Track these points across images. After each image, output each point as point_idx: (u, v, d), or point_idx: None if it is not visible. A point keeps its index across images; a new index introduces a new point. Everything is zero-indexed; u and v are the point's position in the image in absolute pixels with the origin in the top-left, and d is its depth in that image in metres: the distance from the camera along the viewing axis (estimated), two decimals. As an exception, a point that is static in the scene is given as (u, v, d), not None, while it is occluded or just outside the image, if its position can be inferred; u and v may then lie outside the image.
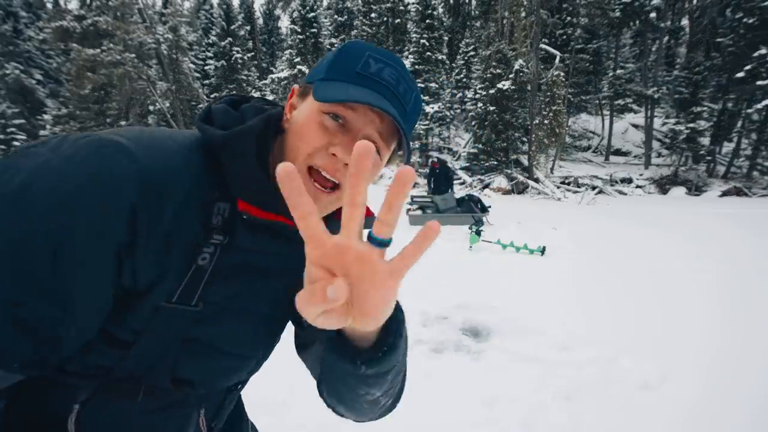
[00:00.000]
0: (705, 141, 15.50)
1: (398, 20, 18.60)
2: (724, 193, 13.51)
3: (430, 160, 10.02)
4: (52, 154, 0.39)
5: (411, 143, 0.54)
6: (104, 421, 0.48)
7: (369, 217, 0.59)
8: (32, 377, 0.45)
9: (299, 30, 19.73)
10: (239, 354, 0.56)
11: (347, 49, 0.53)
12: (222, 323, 0.51)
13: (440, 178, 8.43)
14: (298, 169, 0.48)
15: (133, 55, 15.85)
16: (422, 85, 16.43)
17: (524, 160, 15.46)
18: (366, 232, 0.32)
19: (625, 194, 14.10)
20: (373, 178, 0.53)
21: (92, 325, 0.43)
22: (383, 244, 0.31)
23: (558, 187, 13.66)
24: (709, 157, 15.35)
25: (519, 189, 13.86)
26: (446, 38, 20.60)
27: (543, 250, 5.22)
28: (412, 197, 8.55)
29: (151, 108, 17.22)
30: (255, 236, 0.51)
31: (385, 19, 18.64)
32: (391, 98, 0.51)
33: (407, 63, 16.78)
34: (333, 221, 0.57)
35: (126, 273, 0.42)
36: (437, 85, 17.24)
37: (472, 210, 7.77)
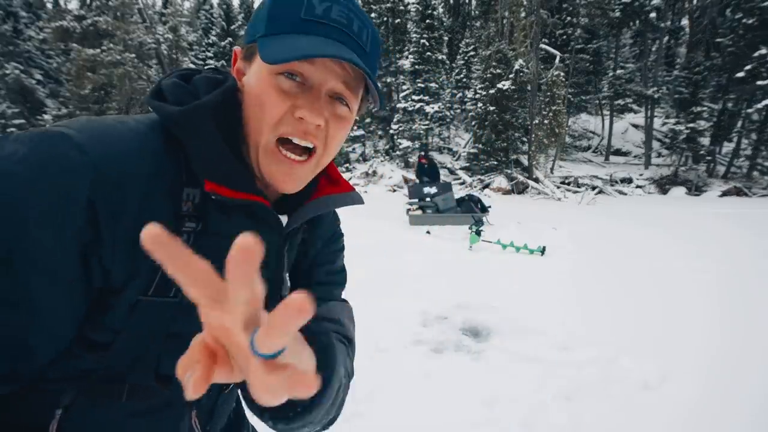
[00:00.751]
0: (705, 141, 15.50)
1: (398, 20, 18.60)
2: (724, 193, 13.51)
3: (417, 155, 10.63)
4: None
5: (380, 87, 0.49)
6: (89, 427, 0.44)
7: (347, 193, 0.57)
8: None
9: (299, 30, 19.66)
10: None
11: None
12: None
13: (431, 172, 9.12)
14: (266, 144, 0.45)
15: (133, 55, 15.87)
16: (422, 85, 16.43)
17: (524, 160, 15.46)
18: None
19: (625, 194, 14.10)
20: (343, 138, 0.50)
21: (66, 331, 0.40)
22: (266, 357, 0.23)
23: (558, 187, 13.65)
24: (709, 157, 15.34)
25: (519, 189, 13.86)
26: (446, 38, 20.60)
27: (543, 250, 5.23)
28: (409, 203, 8.64)
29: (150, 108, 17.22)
30: (230, 219, 0.46)
31: (385, 19, 18.63)
32: (346, 41, 0.45)
33: (407, 63, 16.80)
34: (305, 207, 0.53)
35: (95, 272, 0.39)
36: (437, 85, 17.23)
37: (472, 210, 7.77)
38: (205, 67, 0.54)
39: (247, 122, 0.47)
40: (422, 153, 9.96)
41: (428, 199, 8.05)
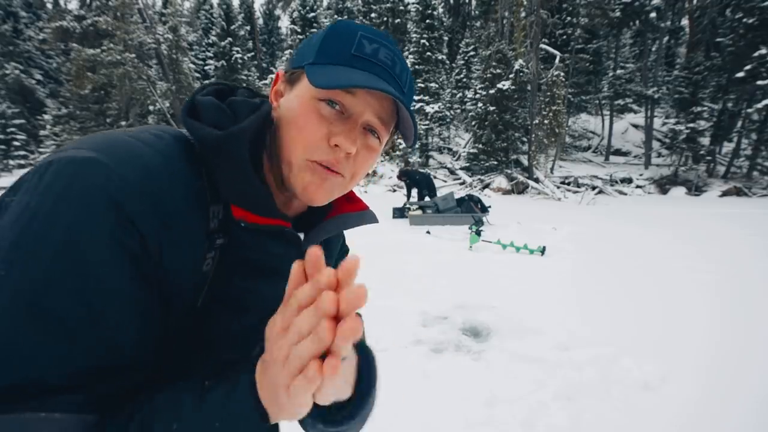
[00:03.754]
0: (705, 141, 15.51)
1: (398, 20, 18.61)
2: (724, 193, 13.52)
3: (397, 173, 10.29)
4: (29, 197, 0.34)
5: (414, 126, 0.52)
6: None
7: (364, 212, 0.58)
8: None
9: (299, 30, 19.75)
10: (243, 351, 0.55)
11: (337, 29, 0.48)
12: (219, 321, 0.49)
13: (420, 183, 9.01)
14: (297, 163, 0.46)
15: (133, 55, 15.86)
16: (422, 85, 16.44)
17: (524, 160, 15.47)
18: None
19: (625, 194, 14.10)
20: (369, 169, 0.53)
21: (145, 347, 0.40)
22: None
23: (558, 187, 13.66)
24: (709, 157, 15.35)
25: (519, 189, 13.87)
26: (446, 38, 20.61)
27: (543, 250, 5.23)
28: (409, 203, 8.67)
29: (151, 108, 17.22)
30: (252, 237, 0.48)
31: (385, 19, 18.64)
32: (389, 79, 0.48)
33: (407, 63, 16.82)
34: (324, 226, 0.55)
35: (154, 290, 0.39)
36: (437, 85, 17.24)
37: (472, 210, 7.78)
38: (241, 86, 0.54)
39: (281, 142, 0.48)
40: (398, 174, 9.83)
41: (413, 207, 8.11)
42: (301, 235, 0.55)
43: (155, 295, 0.39)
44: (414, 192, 9.24)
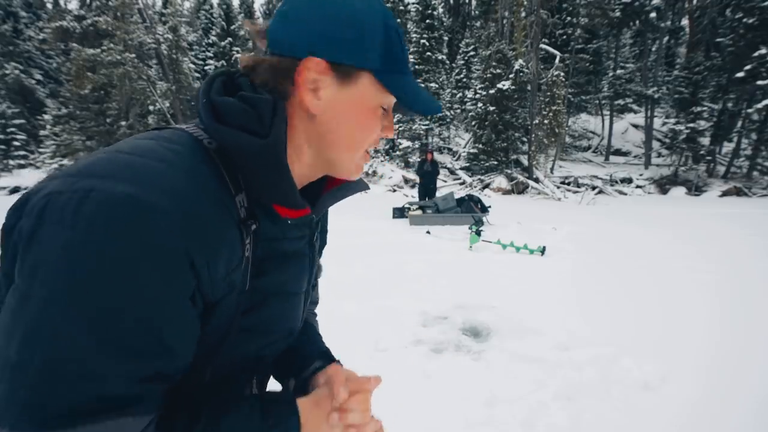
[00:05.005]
0: (705, 141, 15.51)
1: (398, 20, 18.55)
2: (724, 193, 13.53)
3: (426, 150, 10.27)
4: (69, 233, 0.35)
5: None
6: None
7: (357, 181, 0.60)
8: None
9: (299, 30, 19.63)
10: (288, 331, 0.59)
11: (393, 25, 0.49)
12: (269, 308, 0.53)
13: (432, 171, 9.04)
14: (355, 157, 0.53)
15: (133, 55, 15.86)
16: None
17: (524, 160, 15.47)
18: None
19: (625, 194, 14.11)
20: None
21: (190, 354, 0.45)
22: None
23: (558, 187, 13.66)
24: (709, 157, 15.36)
25: (519, 189, 13.87)
26: (446, 38, 20.62)
27: (543, 250, 5.23)
28: (409, 203, 8.63)
29: (151, 108, 17.23)
30: (275, 224, 0.51)
31: (385, 19, 18.63)
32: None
33: (407, 63, 16.83)
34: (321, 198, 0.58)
35: (199, 303, 0.43)
36: (437, 85, 17.25)
37: (472, 210, 7.78)
38: (238, 72, 0.51)
39: (331, 137, 0.50)
40: (430, 148, 9.88)
41: (414, 206, 8.09)
42: None
43: (200, 308, 0.43)
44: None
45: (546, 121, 13.79)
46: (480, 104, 15.52)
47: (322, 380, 0.59)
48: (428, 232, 6.88)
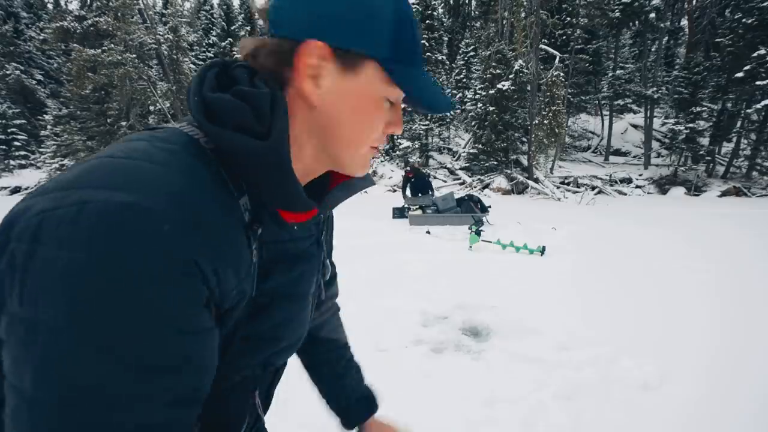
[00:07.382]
0: (704, 141, 15.51)
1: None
2: (724, 193, 13.52)
3: (404, 170, 9.94)
4: (69, 252, 0.32)
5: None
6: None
7: (363, 177, 0.58)
8: None
9: (299, 30, 19.64)
10: (296, 337, 0.57)
11: (406, 14, 0.45)
12: (276, 312, 0.50)
13: (419, 185, 8.71)
14: (361, 151, 0.50)
15: (134, 56, 15.87)
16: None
17: (524, 160, 15.46)
18: None
19: (625, 194, 14.10)
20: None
21: (214, 367, 0.43)
22: None
23: (558, 187, 13.66)
24: (708, 157, 15.35)
25: (519, 189, 13.87)
26: (446, 38, 20.63)
27: (543, 250, 5.23)
28: (405, 206, 8.59)
29: (151, 108, 17.23)
30: (281, 228, 0.49)
31: (385, 19, 18.64)
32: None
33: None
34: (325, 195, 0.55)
35: (212, 311, 0.41)
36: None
37: (472, 210, 7.78)
38: (235, 63, 0.47)
39: (335, 131, 0.47)
40: (408, 167, 9.28)
41: (415, 206, 8.04)
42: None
43: (215, 317, 0.41)
44: (407, 193, 8.98)
45: (546, 122, 13.79)
46: (480, 104, 15.52)
47: None
48: (428, 232, 6.88)
